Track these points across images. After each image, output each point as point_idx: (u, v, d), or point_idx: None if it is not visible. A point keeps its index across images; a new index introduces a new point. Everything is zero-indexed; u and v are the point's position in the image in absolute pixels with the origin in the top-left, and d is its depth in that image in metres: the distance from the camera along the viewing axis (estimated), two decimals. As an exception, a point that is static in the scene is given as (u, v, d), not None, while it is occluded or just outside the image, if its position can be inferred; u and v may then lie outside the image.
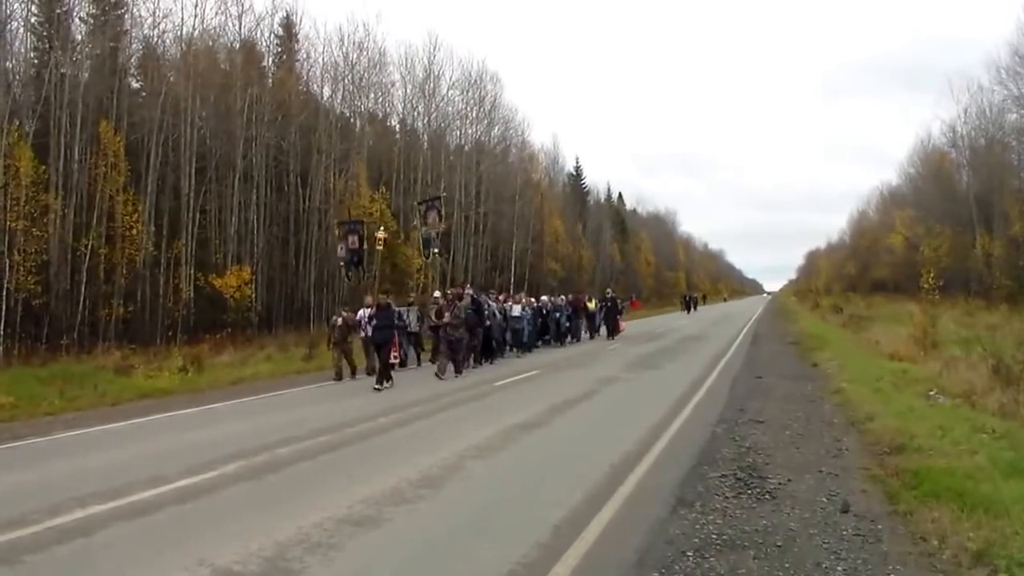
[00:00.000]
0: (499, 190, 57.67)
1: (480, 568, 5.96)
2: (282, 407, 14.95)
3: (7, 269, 27.49)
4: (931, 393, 14.40)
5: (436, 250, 28.98)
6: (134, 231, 32.29)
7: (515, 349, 26.42)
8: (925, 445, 9.74)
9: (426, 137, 51.68)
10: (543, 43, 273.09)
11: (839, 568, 5.96)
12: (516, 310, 26.40)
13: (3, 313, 27.25)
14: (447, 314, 20.24)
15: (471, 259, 53.76)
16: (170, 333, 32.42)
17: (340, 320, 20.00)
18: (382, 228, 24.63)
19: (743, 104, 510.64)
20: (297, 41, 45.33)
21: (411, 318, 22.60)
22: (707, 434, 11.45)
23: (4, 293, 27.39)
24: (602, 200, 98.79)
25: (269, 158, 39.38)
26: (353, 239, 26.95)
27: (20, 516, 7.24)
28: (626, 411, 14.21)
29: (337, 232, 30.89)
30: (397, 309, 21.25)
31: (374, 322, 18.69)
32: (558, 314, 30.85)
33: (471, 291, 23.90)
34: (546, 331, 30.24)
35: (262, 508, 7.60)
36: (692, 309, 71.75)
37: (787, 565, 5.99)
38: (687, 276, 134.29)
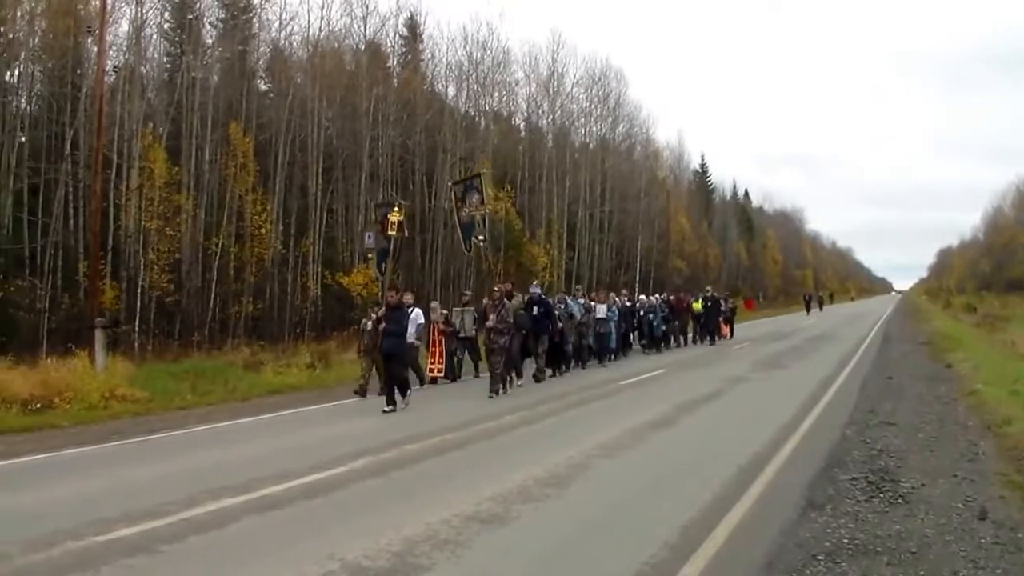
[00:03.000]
0: (624, 188, 57.10)
1: (608, 567, 5.89)
2: (408, 404, 14.76)
3: (142, 267, 28.39)
4: (1073, 397, 13.55)
5: (481, 238, 25.44)
6: (263, 230, 32.93)
7: (596, 357, 22.80)
8: (1068, 451, 9.09)
9: (550, 135, 51.36)
10: (667, 40, 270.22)
11: (978, 578, 5.66)
12: (601, 311, 22.67)
13: (138, 310, 28.13)
14: (491, 316, 16.53)
15: (596, 257, 53.29)
16: (298, 330, 32.83)
17: (370, 324, 16.38)
18: (396, 209, 21.81)
19: (858, 100, 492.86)
20: (421, 41, 45.71)
21: (466, 321, 19.24)
22: (837, 436, 11.19)
23: (139, 291, 28.30)
24: (727, 198, 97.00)
25: (395, 157, 39.67)
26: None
27: (156, 507, 7.33)
28: (754, 411, 14.01)
29: (374, 216, 26.05)
30: (451, 310, 19.74)
31: (382, 326, 14.76)
32: (651, 316, 26.78)
33: (537, 289, 19.95)
34: (641, 335, 27.14)
35: (390, 504, 7.65)
36: (816, 308, 66.27)
37: (922, 573, 5.77)
38: (814, 274, 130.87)
